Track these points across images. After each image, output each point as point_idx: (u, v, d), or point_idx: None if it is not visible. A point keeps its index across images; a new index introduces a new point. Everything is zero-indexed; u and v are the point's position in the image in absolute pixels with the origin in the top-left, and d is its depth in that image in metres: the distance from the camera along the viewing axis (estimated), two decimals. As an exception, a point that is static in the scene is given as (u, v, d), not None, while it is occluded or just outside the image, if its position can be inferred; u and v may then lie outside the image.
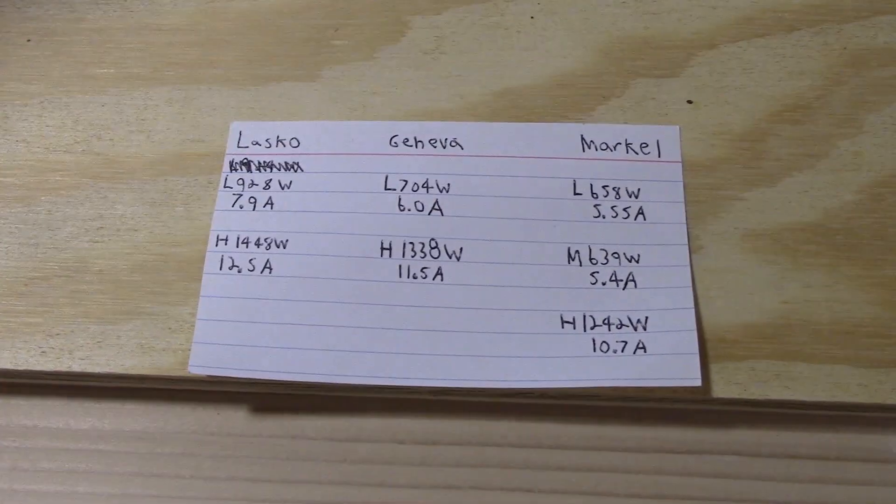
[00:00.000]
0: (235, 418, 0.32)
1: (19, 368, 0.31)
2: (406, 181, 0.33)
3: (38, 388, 0.33)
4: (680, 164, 0.33)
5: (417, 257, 0.32)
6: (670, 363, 0.30)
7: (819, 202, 0.33)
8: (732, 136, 0.34)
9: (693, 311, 0.31)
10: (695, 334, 0.30)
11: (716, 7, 0.36)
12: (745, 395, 0.30)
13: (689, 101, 0.35)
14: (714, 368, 0.30)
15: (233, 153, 0.34)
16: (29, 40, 0.38)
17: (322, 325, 0.31)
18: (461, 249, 0.32)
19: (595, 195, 0.33)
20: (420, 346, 0.31)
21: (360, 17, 0.37)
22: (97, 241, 0.33)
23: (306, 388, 0.31)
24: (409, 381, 0.30)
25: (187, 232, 0.33)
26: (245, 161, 0.34)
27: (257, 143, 0.35)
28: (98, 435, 0.32)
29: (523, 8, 0.37)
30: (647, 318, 0.31)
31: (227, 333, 0.31)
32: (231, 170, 0.34)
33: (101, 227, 0.34)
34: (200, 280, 0.32)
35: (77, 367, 0.31)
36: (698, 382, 0.30)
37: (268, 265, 0.32)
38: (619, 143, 0.34)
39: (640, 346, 0.30)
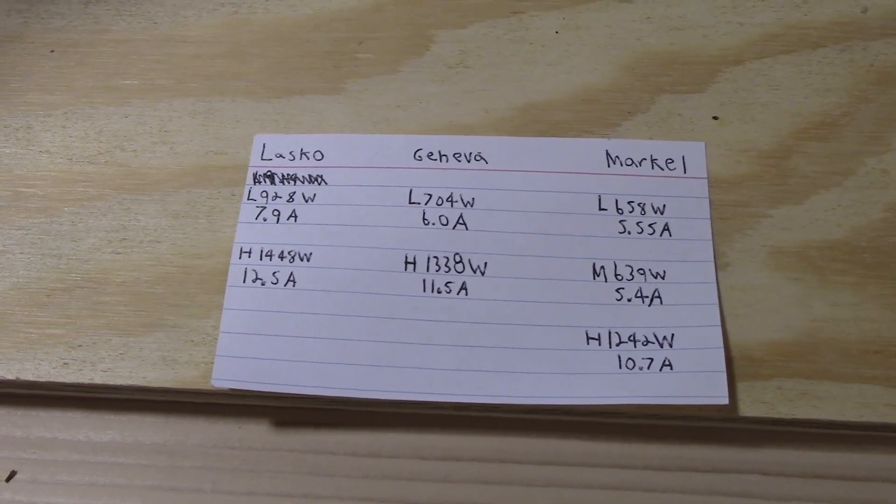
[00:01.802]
0: (257, 432, 0.32)
1: (41, 380, 0.31)
2: (430, 195, 0.33)
3: (59, 400, 0.33)
4: (706, 181, 0.33)
5: (442, 272, 0.32)
6: (697, 381, 0.30)
7: (846, 220, 0.32)
8: (758, 153, 0.34)
9: (720, 328, 0.30)
10: (722, 352, 0.30)
11: (742, 24, 0.36)
12: (773, 414, 0.30)
13: (715, 118, 0.35)
14: (741, 387, 0.30)
15: (256, 165, 0.34)
16: (53, 51, 0.38)
17: (345, 339, 0.31)
18: (485, 264, 0.32)
19: (620, 211, 0.33)
20: (444, 361, 0.31)
21: (385, 30, 0.37)
22: (120, 253, 0.33)
23: (329, 403, 0.31)
24: (433, 397, 0.30)
25: (210, 244, 0.33)
26: (269, 173, 0.34)
27: (281, 156, 0.35)
28: (118, 448, 0.32)
29: (548, 23, 0.37)
30: (673, 335, 0.31)
31: (250, 347, 0.31)
32: (255, 182, 0.34)
33: (124, 239, 0.34)
34: (223, 293, 0.32)
35: (99, 379, 0.31)
36: (725, 401, 0.29)
37: (291, 278, 0.32)
38: (645, 159, 0.34)
39: (667, 363, 0.30)
